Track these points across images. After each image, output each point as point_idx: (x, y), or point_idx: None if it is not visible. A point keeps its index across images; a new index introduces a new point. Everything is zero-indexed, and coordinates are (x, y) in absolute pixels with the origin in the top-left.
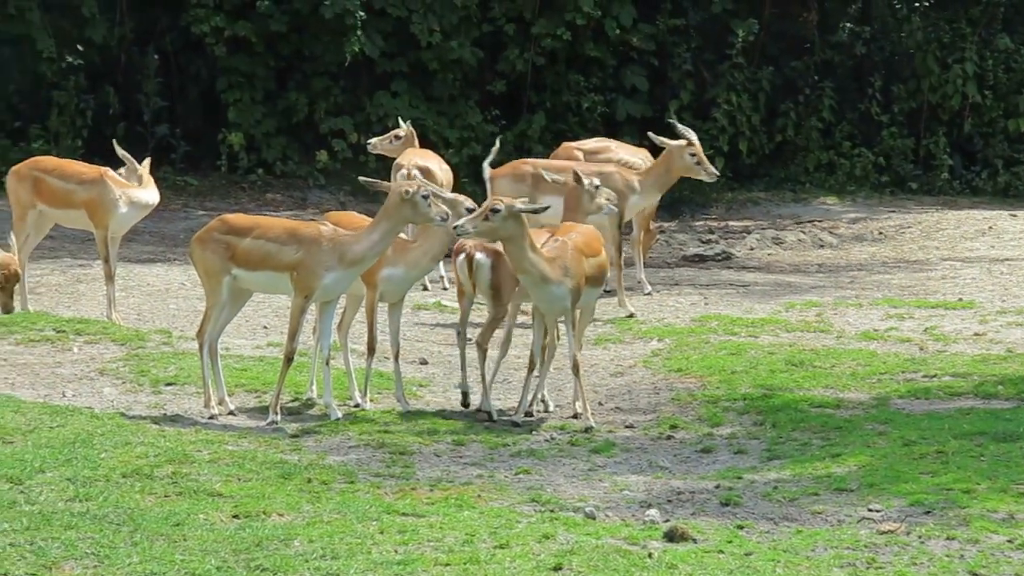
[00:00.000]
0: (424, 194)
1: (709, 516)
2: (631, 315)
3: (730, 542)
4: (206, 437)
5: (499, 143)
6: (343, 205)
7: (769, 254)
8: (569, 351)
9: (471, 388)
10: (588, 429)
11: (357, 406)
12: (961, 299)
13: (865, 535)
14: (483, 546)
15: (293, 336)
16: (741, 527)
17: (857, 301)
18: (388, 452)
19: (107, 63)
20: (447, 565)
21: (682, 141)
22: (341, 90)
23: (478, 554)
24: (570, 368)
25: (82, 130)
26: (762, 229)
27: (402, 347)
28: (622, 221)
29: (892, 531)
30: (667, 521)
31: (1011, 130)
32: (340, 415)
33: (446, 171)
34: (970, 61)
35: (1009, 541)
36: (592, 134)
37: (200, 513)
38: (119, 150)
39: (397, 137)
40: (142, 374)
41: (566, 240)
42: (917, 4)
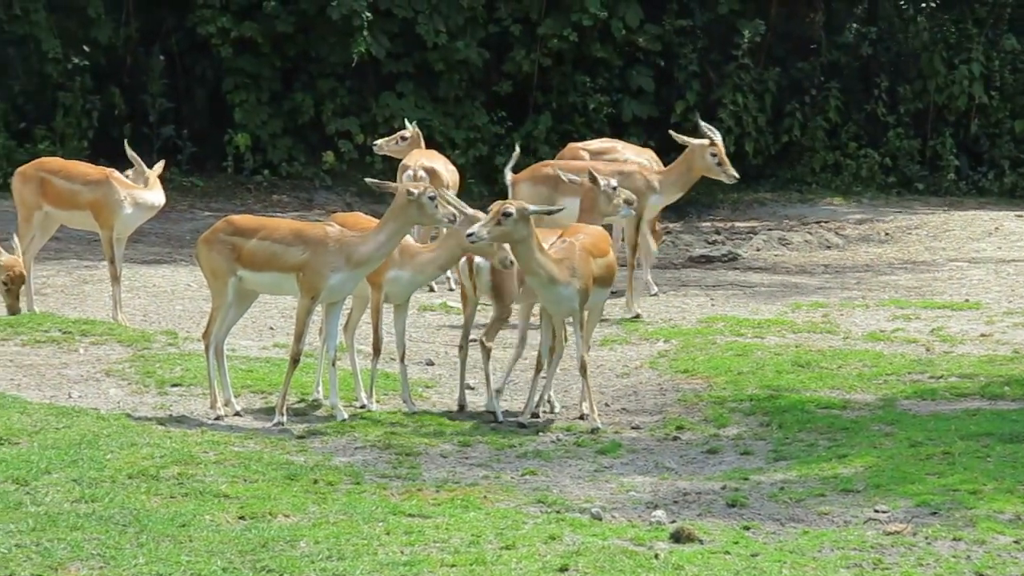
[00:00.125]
0: (431, 195)
1: (715, 517)
2: (637, 316)
3: (736, 543)
4: (212, 438)
5: (519, 148)
6: (349, 206)
7: (775, 255)
8: (577, 352)
9: (475, 388)
10: (594, 430)
11: (363, 407)
12: (968, 300)
13: (871, 536)
14: (489, 547)
15: (299, 337)
16: (747, 528)
17: (863, 302)
18: (394, 453)
19: (113, 64)
20: (453, 566)
21: (704, 140)
22: (347, 91)
23: (484, 555)
24: (578, 369)
25: (88, 131)
26: (768, 230)
27: (408, 348)
28: (641, 221)
29: (899, 532)
30: (673, 522)
31: (1018, 131)
32: (346, 416)
33: (452, 172)
34: (976, 62)
35: (1016, 542)
36: (598, 135)
37: (206, 514)
38: (130, 152)
39: (403, 138)
40: (148, 375)
41: (574, 241)
42: (923, 5)
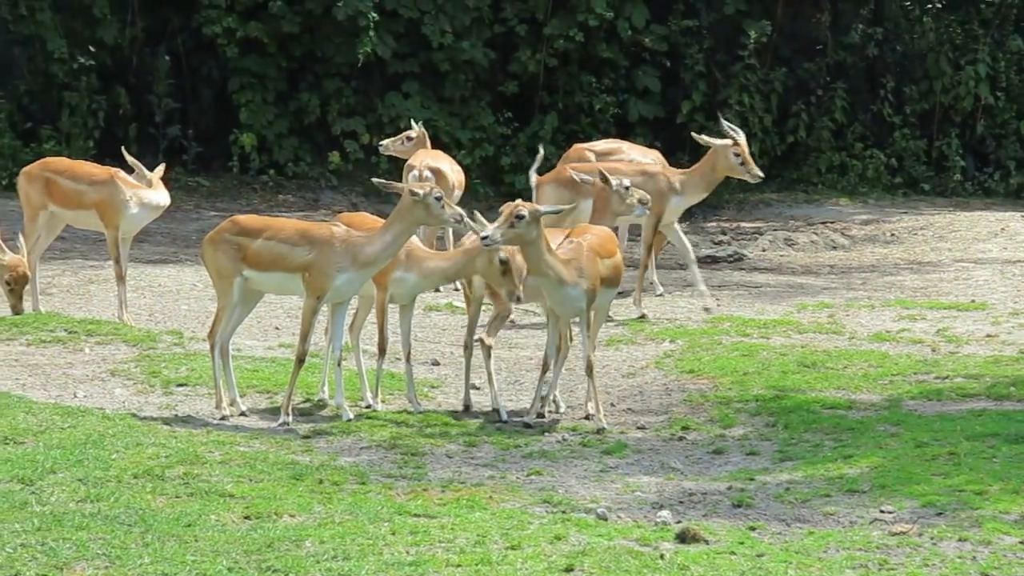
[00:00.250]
0: (437, 195)
1: (721, 517)
2: (643, 316)
3: (742, 543)
4: (217, 438)
5: (543, 150)
6: (355, 206)
7: (781, 255)
8: (583, 352)
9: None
10: (600, 430)
11: (369, 407)
12: (973, 300)
13: (877, 536)
14: (495, 547)
15: (305, 337)
16: (753, 528)
17: (869, 302)
18: (400, 453)
19: (119, 64)
20: (459, 566)
21: (727, 140)
22: (353, 91)
23: (490, 555)
24: (584, 369)
25: (94, 131)
26: (774, 230)
27: (414, 348)
28: (659, 222)
29: (904, 532)
30: (679, 522)
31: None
32: (352, 416)
33: (458, 172)
34: (982, 62)
35: (1021, 543)
36: (604, 135)
37: (211, 514)
38: (128, 157)
39: (409, 138)
40: (153, 375)
41: (581, 241)
42: (929, 5)
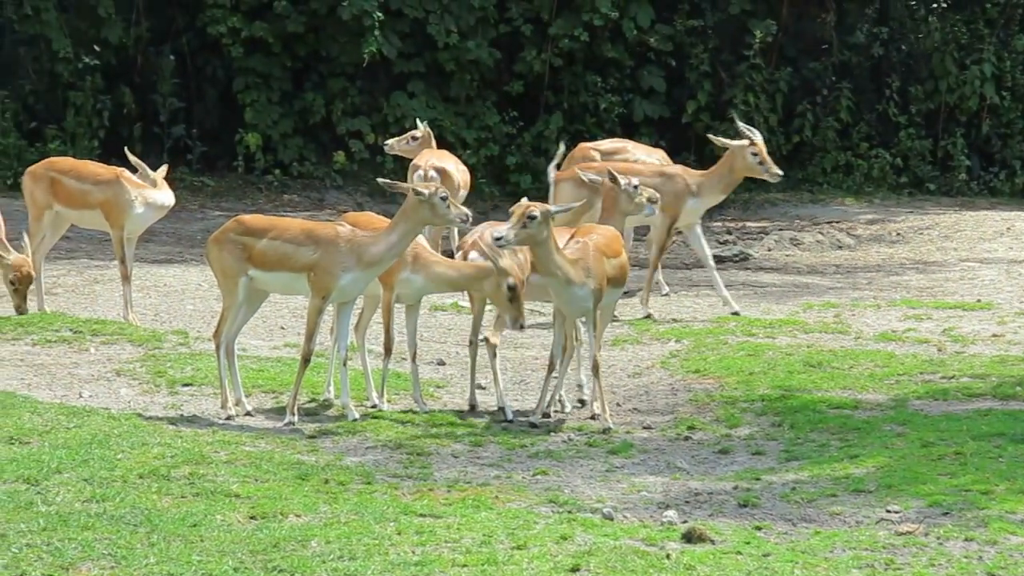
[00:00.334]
0: (442, 195)
1: (727, 517)
2: (648, 316)
3: (748, 543)
4: (223, 438)
5: (563, 147)
6: (360, 206)
7: (787, 255)
8: (589, 352)
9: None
10: (606, 430)
11: (374, 407)
12: (979, 300)
13: (883, 536)
14: (501, 547)
15: (310, 337)
16: (759, 528)
17: (875, 302)
18: (405, 453)
19: (123, 64)
20: (464, 566)
21: (744, 141)
22: (358, 91)
23: (496, 555)
24: (590, 369)
25: (99, 131)
26: (779, 230)
27: (419, 348)
28: (674, 224)
29: (910, 532)
30: (685, 522)
31: None
32: (357, 416)
33: (463, 172)
34: (988, 62)
35: None
36: (609, 135)
37: (217, 514)
38: (132, 157)
39: (414, 138)
40: (159, 375)
41: (587, 241)
42: (935, 5)
